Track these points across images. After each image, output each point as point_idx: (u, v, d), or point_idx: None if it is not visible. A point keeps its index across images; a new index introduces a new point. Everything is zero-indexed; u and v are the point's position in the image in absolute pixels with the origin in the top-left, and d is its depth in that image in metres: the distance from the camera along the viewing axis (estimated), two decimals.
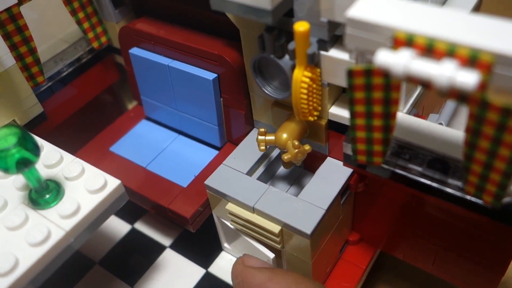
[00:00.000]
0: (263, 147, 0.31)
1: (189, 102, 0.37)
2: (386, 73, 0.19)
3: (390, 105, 0.22)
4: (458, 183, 0.25)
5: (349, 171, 0.32)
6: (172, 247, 0.40)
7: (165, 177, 0.37)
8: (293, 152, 0.30)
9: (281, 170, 0.36)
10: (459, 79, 0.17)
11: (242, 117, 0.35)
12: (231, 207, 0.32)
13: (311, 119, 0.29)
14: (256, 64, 0.29)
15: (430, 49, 0.19)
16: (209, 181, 0.33)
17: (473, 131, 0.20)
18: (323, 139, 0.32)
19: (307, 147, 0.30)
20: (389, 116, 0.23)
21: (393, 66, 0.18)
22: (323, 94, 0.29)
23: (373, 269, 0.39)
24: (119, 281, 0.39)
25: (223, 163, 0.34)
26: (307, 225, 0.29)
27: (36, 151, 0.26)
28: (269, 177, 0.35)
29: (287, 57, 0.27)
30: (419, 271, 0.36)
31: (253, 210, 0.31)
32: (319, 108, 0.29)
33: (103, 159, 0.39)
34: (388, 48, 0.20)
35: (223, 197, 0.33)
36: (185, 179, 0.37)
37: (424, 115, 0.33)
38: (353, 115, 0.23)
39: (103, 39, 0.40)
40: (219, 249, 0.39)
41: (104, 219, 0.29)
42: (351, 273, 0.36)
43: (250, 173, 0.34)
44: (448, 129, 0.26)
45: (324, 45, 0.26)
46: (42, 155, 0.29)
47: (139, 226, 0.42)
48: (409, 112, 0.30)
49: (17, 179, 0.30)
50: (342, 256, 0.37)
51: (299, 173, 0.37)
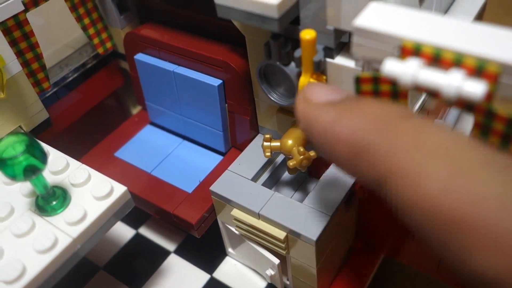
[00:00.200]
0: (268, 153, 0.32)
1: (194, 107, 0.37)
2: (393, 82, 0.20)
3: None
4: None
5: None
6: (176, 252, 0.40)
7: (170, 182, 0.37)
8: (298, 158, 0.30)
9: (286, 175, 0.36)
10: (467, 89, 0.17)
11: (247, 123, 0.36)
12: (236, 213, 0.32)
13: None
14: (261, 70, 0.29)
15: (437, 59, 0.19)
16: (214, 187, 0.33)
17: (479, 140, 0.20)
18: None
19: (312, 153, 0.31)
20: None
21: (401, 75, 0.18)
22: None
23: (377, 275, 0.39)
24: (124, 286, 0.39)
25: (228, 169, 0.34)
26: (313, 231, 0.29)
27: (43, 158, 0.26)
28: (274, 183, 0.35)
29: (293, 64, 0.27)
30: (423, 277, 0.36)
31: (258, 216, 0.31)
32: None
33: (108, 165, 0.39)
34: (395, 57, 0.20)
35: (228, 203, 0.33)
36: (190, 184, 0.37)
37: None
38: None
39: (108, 45, 0.41)
40: (223, 254, 0.39)
41: (110, 226, 0.29)
42: (356, 279, 0.36)
43: (255, 179, 0.34)
44: None
45: (330, 52, 0.26)
46: (48, 161, 0.30)
47: (144, 231, 0.42)
48: None
49: (24, 186, 0.30)
50: (346, 262, 0.37)
51: (304, 178, 0.37)
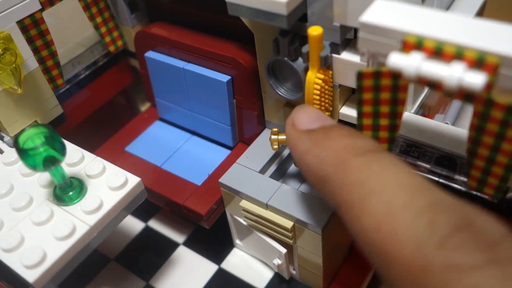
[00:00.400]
0: (276, 146, 0.33)
1: (203, 103, 0.39)
2: (396, 75, 0.21)
3: (397, 105, 0.23)
4: (465, 179, 0.26)
5: None
6: (185, 244, 0.42)
7: (179, 175, 0.38)
8: None
9: (292, 168, 0.37)
10: (467, 80, 0.18)
11: (254, 118, 0.37)
12: (245, 204, 0.34)
13: None
14: (270, 66, 0.31)
15: (439, 52, 0.20)
16: (223, 179, 0.34)
17: (477, 128, 0.22)
18: None
19: None
20: (395, 115, 0.24)
21: (405, 68, 0.20)
22: (335, 95, 0.30)
23: None
24: (135, 276, 0.40)
25: (237, 162, 0.35)
26: (319, 221, 0.30)
27: (62, 150, 0.27)
28: (281, 175, 0.36)
29: (300, 60, 0.28)
30: None
31: (266, 206, 0.32)
32: (331, 108, 0.30)
33: (119, 159, 0.40)
34: (398, 51, 0.21)
35: (237, 195, 0.34)
36: (199, 177, 0.38)
37: (430, 115, 0.34)
38: (360, 115, 0.25)
39: (119, 43, 0.42)
40: (231, 245, 0.41)
41: (125, 215, 0.31)
42: (360, 269, 0.37)
43: (262, 171, 0.35)
44: (454, 128, 0.28)
45: (336, 48, 0.27)
46: None
47: (153, 224, 0.44)
48: (417, 112, 0.31)
49: (41, 177, 0.31)
50: (352, 252, 0.38)
51: None
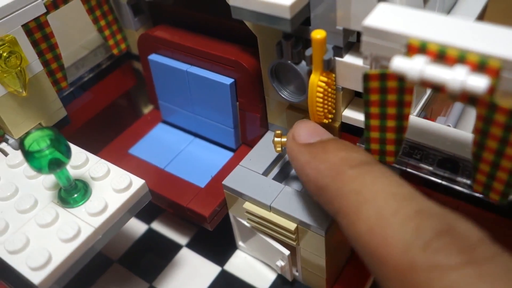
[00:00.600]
0: (279, 148, 0.33)
1: (206, 106, 0.39)
2: (401, 77, 0.21)
3: (403, 107, 0.23)
4: (467, 181, 0.26)
5: None
6: (188, 246, 0.42)
7: (182, 177, 0.39)
8: None
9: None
10: (470, 83, 0.19)
11: (257, 120, 0.37)
12: (248, 206, 0.34)
13: (325, 121, 0.30)
14: (273, 69, 0.31)
15: (442, 56, 0.20)
16: (226, 181, 0.34)
17: (481, 132, 0.22)
18: None
19: None
20: (402, 117, 0.24)
21: (409, 71, 0.20)
22: (337, 97, 0.30)
23: None
24: (138, 278, 0.40)
25: (240, 164, 0.35)
26: (322, 223, 0.31)
27: (68, 153, 0.28)
28: (284, 177, 0.36)
29: (303, 63, 0.29)
30: None
31: (269, 208, 0.33)
32: (333, 111, 0.31)
33: (122, 161, 0.40)
34: (402, 54, 0.21)
35: (240, 197, 0.34)
36: (202, 179, 0.38)
37: (432, 118, 0.34)
38: (367, 116, 0.25)
39: (123, 46, 0.42)
40: (234, 247, 0.41)
41: (129, 217, 0.31)
42: (363, 270, 0.37)
43: (266, 173, 0.35)
44: (457, 131, 0.28)
45: (339, 51, 0.28)
46: None
47: (156, 226, 0.44)
48: (419, 115, 0.31)
49: (46, 179, 0.31)
50: (354, 254, 0.38)
51: None
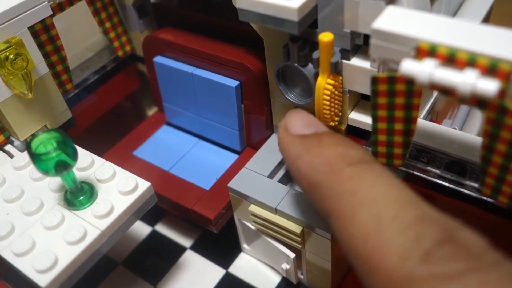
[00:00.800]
0: None
1: (211, 108, 0.39)
2: (410, 81, 0.21)
3: (411, 110, 0.23)
4: (475, 184, 0.26)
5: None
6: (192, 248, 0.42)
7: (187, 180, 0.38)
8: None
9: None
10: (481, 87, 0.19)
11: (262, 123, 0.37)
12: (253, 208, 0.34)
13: (332, 124, 0.30)
14: (279, 71, 0.31)
15: (452, 59, 0.20)
16: (232, 184, 0.34)
17: (490, 135, 0.22)
18: None
19: None
20: (410, 120, 0.24)
21: (418, 74, 0.20)
22: (344, 100, 0.30)
23: None
24: (142, 281, 0.40)
25: (245, 166, 0.35)
26: (328, 226, 0.30)
27: (74, 155, 0.28)
28: (289, 179, 0.36)
29: (310, 66, 0.29)
30: None
31: (275, 211, 0.33)
32: (340, 113, 0.30)
33: (127, 163, 0.40)
34: (411, 57, 0.21)
35: (245, 199, 0.34)
36: (207, 182, 0.38)
37: (438, 121, 0.34)
38: (375, 119, 0.25)
39: (128, 48, 0.42)
40: (238, 250, 0.41)
41: (135, 220, 0.31)
42: None
43: (271, 176, 0.35)
44: (464, 134, 0.28)
45: (346, 54, 0.27)
46: None
47: (160, 228, 0.44)
48: (425, 118, 0.31)
49: (52, 182, 0.31)
50: None
51: None
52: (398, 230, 0.18)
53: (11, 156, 0.34)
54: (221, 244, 0.41)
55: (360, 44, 0.28)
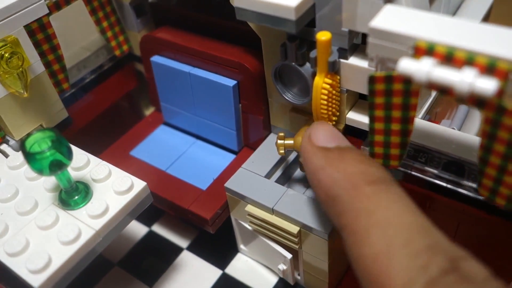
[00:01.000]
0: (282, 151, 0.33)
1: (208, 108, 0.39)
2: (407, 80, 0.21)
3: (409, 110, 0.23)
4: (473, 184, 0.26)
5: None
6: (189, 249, 0.41)
7: (184, 180, 0.38)
8: None
9: (298, 173, 0.37)
10: (479, 86, 0.18)
11: (260, 123, 0.37)
12: (250, 208, 0.33)
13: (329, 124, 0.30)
14: (277, 71, 0.31)
15: (450, 58, 0.20)
16: (229, 184, 0.34)
17: (488, 135, 0.22)
18: None
19: None
20: (407, 120, 0.24)
21: (416, 73, 0.20)
22: (342, 100, 0.30)
23: None
24: (138, 281, 0.40)
25: (242, 166, 0.35)
26: (325, 226, 0.30)
27: (69, 155, 0.27)
28: (286, 180, 0.36)
29: (308, 65, 0.28)
30: None
31: (272, 211, 0.32)
32: (337, 113, 0.30)
33: (124, 163, 0.40)
34: (409, 56, 0.21)
35: (242, 199, 0.34)
36: (204, 182, 0.38)
37: (437, 121, 0.34)
38: (372, 119, 0.25)
39: (125, 47, 0.42)
40: (235, 251, 0.40)
41: (130, 220, 0.31)
42: None
43: (268, 176, 0.35)
44: (462, 134, 0.27)
45: (344, 53, 0.27)
46: None
47: (156, 228, 0.43)
48: (423, 118, 0.31)
49: (47, 181, 0.31)
50: None
51: None
52: (407, 256, 0.19)
53: (6, 155, 0.34)
54: (218, 244, 0.41)
55: (358, 43, 0.28)
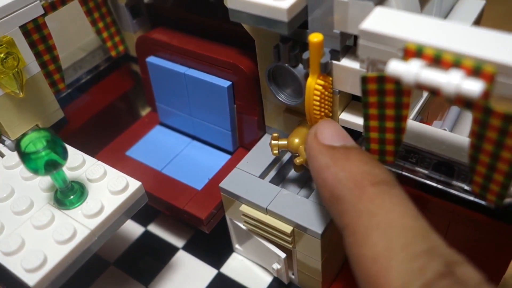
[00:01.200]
0: (276, 151, 0.33)
1: (204, 108, 0.39)
2: (397, 81, 0.21)
3: (401, 108, 0.24)
4: (462, 184, 0.26)
5: None
6: (184, 248, 0.42)
7: (180, 180, 0.39)
8: (305, 156, 0.31)
9: (292, 173, 0.37)
10: (465, 87, 0.19)
11: (254, 123, 0.37)
12: (244, 208, 0.34)
13: None
14: (270, 72, 0.31)
15: (438, 60, 0.20)
16: (223, 184, 0.34)
17: (477, 135, 0.22)
18: None
19: None
20: (400, 118, 0.24)
21: (404, 74, 0.20)
22: (334, 101, 0.30)
23: None
24: (134, 281, 0.40)
25: (237, 166, 0.35)
26: (318, 225, 0.31)
27: (64, 154, 0.27)
28: (280, 180, 0.36)
29: (300, 66, 0.29)
30: None
31: (266, 211, 0.33)
32: (330, 114, 0.31)
33: (119, 163, 0.40)
34: (398, 58, 0.21)
35: (237, 199, 0.34)
36: (199, 182, 0.38)
37: (429, 122, 0.34)
38: (367, 117, 0.25)
39: (121, 48, 0.42)
40: (230, 250, 0.41)
41: (125, 219, 0.31)
42: None
43: (262, 176, 0.35)
44: (453, 135, 0.28)
45: (336, 55, 0.28)
46: None
47: (152, 228, 0.44)
48: (415, 119, 0.32)
49: (43, 181, 0.31)
50: None
51: (309, 176, 0.38)
52: (405, 259, 0.19)
53: (2, 155, 0.34)
54: (213, 244, 0.41)
55: (350, 45, 0.28)
